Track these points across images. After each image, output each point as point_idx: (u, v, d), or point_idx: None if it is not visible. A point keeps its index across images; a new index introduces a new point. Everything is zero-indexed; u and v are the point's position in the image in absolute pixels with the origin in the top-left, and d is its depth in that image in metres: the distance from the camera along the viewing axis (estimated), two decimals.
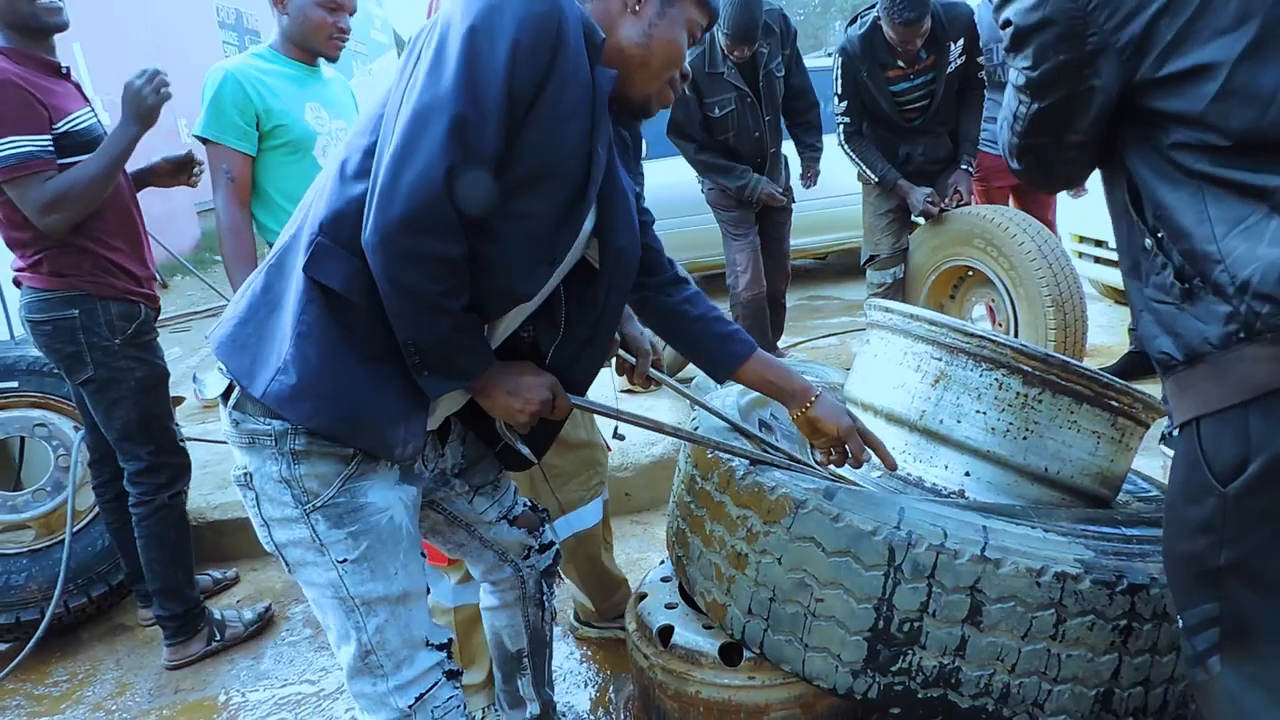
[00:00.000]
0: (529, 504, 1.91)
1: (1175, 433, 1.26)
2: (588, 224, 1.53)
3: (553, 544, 1.95)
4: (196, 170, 2.87)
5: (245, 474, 1.46)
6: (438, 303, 1.35)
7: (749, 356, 1.77)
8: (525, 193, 1.37)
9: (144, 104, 2.48)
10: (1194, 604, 1.23)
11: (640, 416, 1.77)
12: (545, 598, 1.96)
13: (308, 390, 1.37)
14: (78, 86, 2.62)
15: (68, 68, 2.58)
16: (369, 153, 1.36)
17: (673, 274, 1.82)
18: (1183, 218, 1.16)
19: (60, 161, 2.46)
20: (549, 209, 1.41)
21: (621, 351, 1.93)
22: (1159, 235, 1.20)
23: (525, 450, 1.70)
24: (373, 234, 1.30)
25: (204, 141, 2.67)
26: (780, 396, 1.79)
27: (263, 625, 2.96)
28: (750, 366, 1.76)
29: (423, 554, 1.60)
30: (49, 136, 2.43)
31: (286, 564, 1.52)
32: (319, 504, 1.43)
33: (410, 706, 1.53)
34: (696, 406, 2.05)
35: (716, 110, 4.41)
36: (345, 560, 1.45)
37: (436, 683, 1.57)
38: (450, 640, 1.62)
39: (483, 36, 1.26)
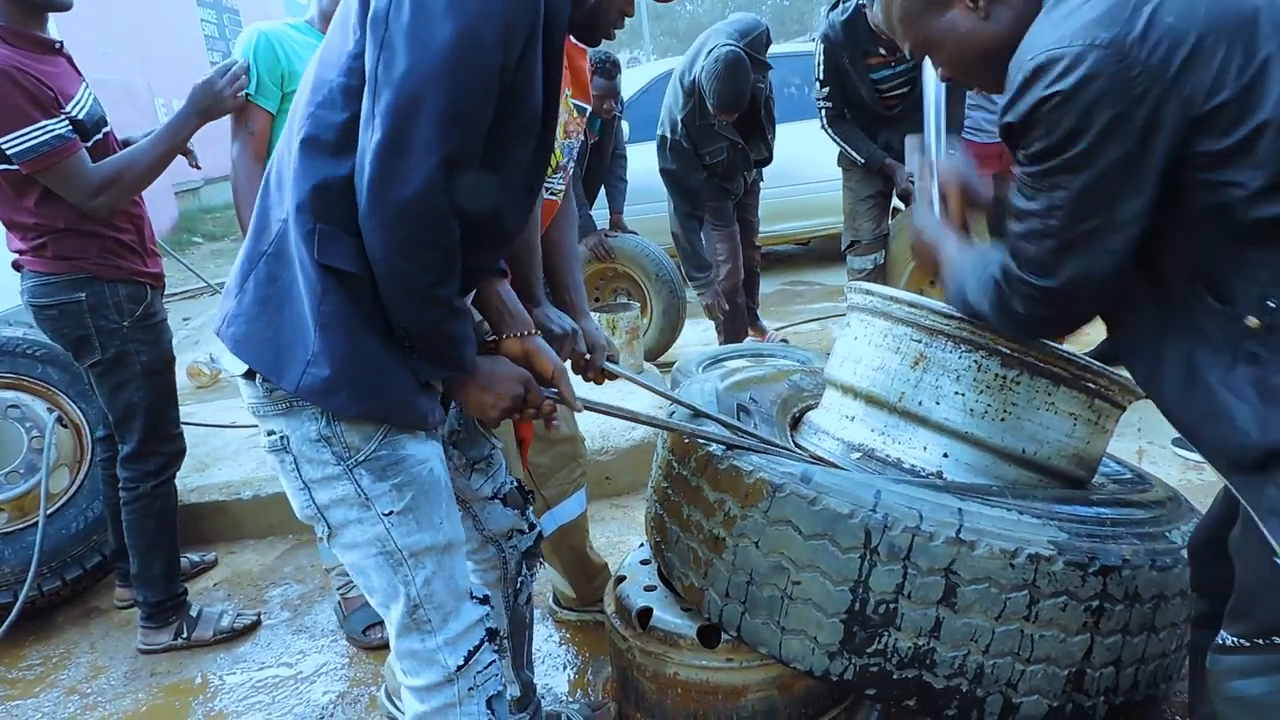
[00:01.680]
0: (516, 483, 1.91)
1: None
2: None
3: (535, 525, 1.96)
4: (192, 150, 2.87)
5: (281, 438, 1.44)
6: (428, 292, 1.34)
7: (499, 279, 1.68)
8: (511, 146, 1.38)
9: (219, 103, 2.47)
10: None
11: (615, 407, 1.77)
12: (524, 580, 1.97)
13: (340, 380, 1.36)
14: (70, 60, 2.58)
15: (60, 42, 2.54)
16: (347, 129, 1.32)
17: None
18: None
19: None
20: (529, 150, 1.43)
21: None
22: (1268, 303, 1.13)
23: (497, 442, 1.70)
24: (368, 218, 1.28)
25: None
26: (500, 324, 1.67)
27: (234, 635, 2.90)
28: (496, 286, 1.66)
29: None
30: (65, 118, 2.39)
31: (328, 527, 1.49)
32: (361, 459, 1.43)
33: (459, 668, 1.53)
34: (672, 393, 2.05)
35: (708, 158, 4.56)
36: (391, 513, 1.45)
37: (481, 642, 1.57)
38: (488, 596, 1.62)
39: (473, 24, 1.21)
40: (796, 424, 2.29)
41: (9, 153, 2.32)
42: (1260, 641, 1.25)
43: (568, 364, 1.93)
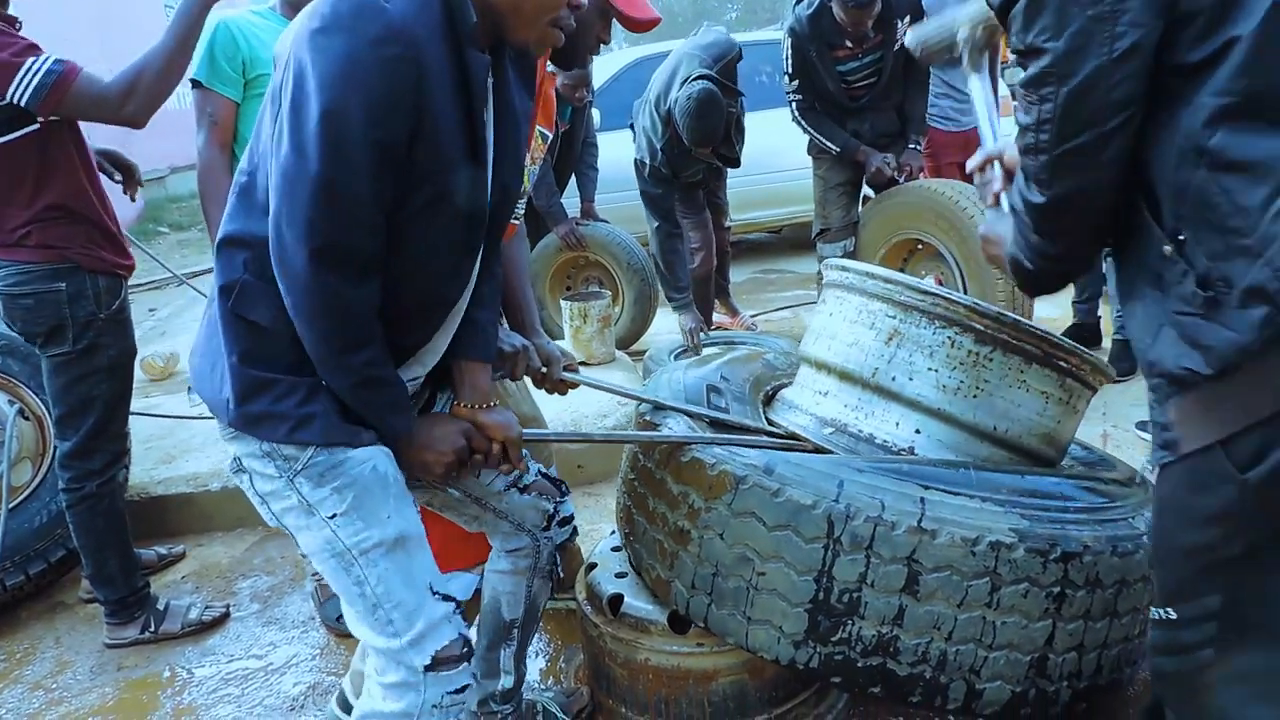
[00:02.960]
0: (542, 471, 1.91)
1: (1159, 467, 1.20)
2: None
3: (571, 518, 1.96)
4: (138, 182, 2.90)
5: (236, 459, 1.52)
6: (337, 360, 1.41)
7: (473, 359, 1.72)
8: (431, 211, 1.41)
9: None
10: (1194, 597, 1.20)
11: (564, 433, 1.79)
12: (553, 571, 1.98)
13: (261, 414, 1.44)
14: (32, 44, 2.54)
15: (19, 22, 2.50)
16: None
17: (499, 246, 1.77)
18: (1215, 207, 1.07)
19: (41, 119, 2.40)
20: (457, 214, 1.45)
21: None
22: (1180, 238, 1.12)
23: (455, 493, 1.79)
24: (279, 281, 1.37)
25: (195, 85, 2.66)
26: (458, 393, 1.72)
27: (203, 628, 2.87)
28: (467, 361, 1.71)
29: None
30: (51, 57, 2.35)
31: (293, 537, 1.55)
32: (299, 468, 1.46)
33: (425, 669, 1.51)
34: (638, 387, 2.06)
35: (684, 177, 4.68)
36: (335, 515, 1.48)
37: (458, 652, 1.54)
38: (454, 596, 1.59)
39: (338, 103, 1.25)
40: (770, 401, 2.30)
41: (22, 101, 2.27)
42: (1162, 615, 1.25)
43: (528, 380, 1.96)
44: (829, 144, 4.28)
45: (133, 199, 2.89)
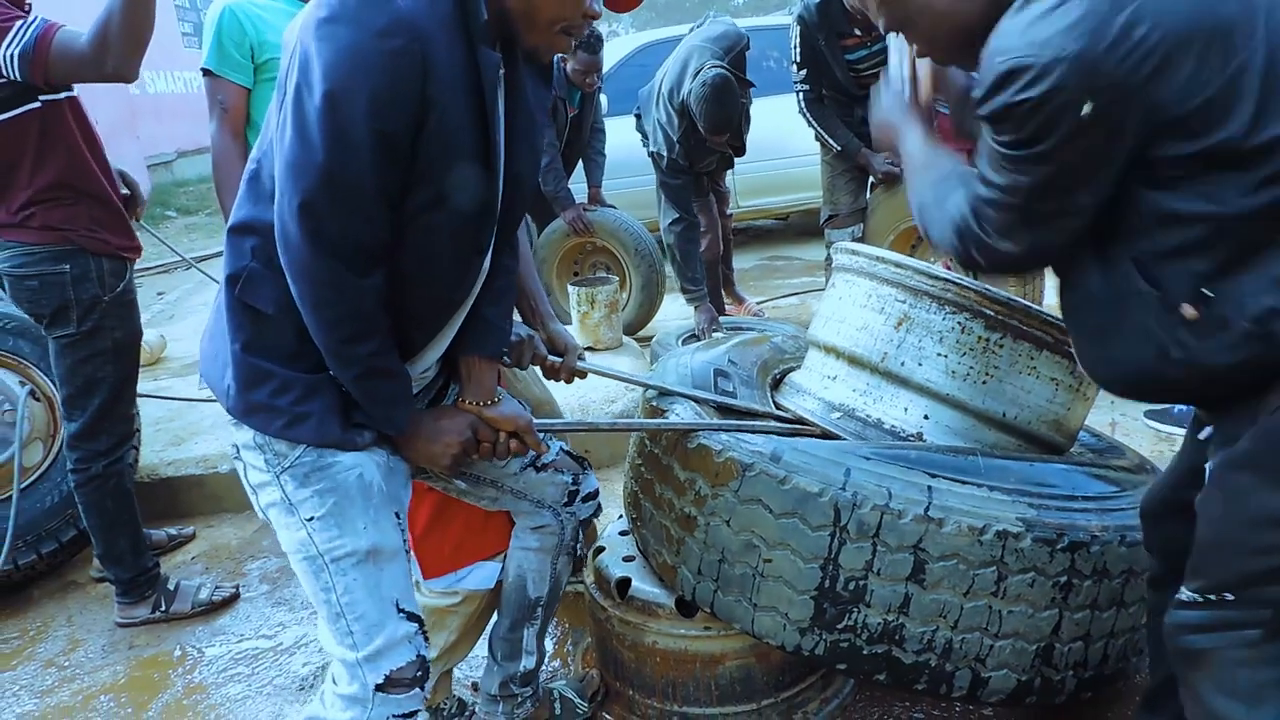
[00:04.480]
0: (564, 448, 1.92)
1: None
2: None
3: (595, 493, 1.97)
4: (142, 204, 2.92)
5: (235, 447, 1.53)
6: (340, 349, 1.41)
7: (482, 356, 1.70)
8: (438, 207, 1.40)
9: None
10: (1254, 586, 1.26)
11: (573, 422, 1.79)
12: (578, 546, 1.99)
13: (258, 404, 1.44)
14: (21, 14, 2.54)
15: (29, 5, 2.49)
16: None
17: (514, 241, 1.75)
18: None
19: (43, 99, 2.40)
20: (465, 211, 1.44)
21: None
22: (1203, 290, 1.20)
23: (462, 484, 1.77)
24: (284, 267, 1.37)
25: (205, 73, 2.66)
26: (464, 390, 1.70)
27: (213, 608, 2.89)
28: (476, 358, 1.69)
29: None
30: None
31: (277, 531, 1.55)
32: (287, 465, 1.47)
33: (378, 688, 1.53)
34: (645, 372, 2.06)
35: (700, 168, 4.77)
36: (313, 518, 1.48)
37: (406, 672, 1.54)
38: (417, 615, 1.59)
39: (341, 93, 1.24)
40: (778, 385, 2.30)
41: (13, 69, 2.27)
42: (1212, 597, 1.30)
43: (536, 369, 1.96)
44: (832, 142, 4.28)
45: (136, 217, 2.87)
